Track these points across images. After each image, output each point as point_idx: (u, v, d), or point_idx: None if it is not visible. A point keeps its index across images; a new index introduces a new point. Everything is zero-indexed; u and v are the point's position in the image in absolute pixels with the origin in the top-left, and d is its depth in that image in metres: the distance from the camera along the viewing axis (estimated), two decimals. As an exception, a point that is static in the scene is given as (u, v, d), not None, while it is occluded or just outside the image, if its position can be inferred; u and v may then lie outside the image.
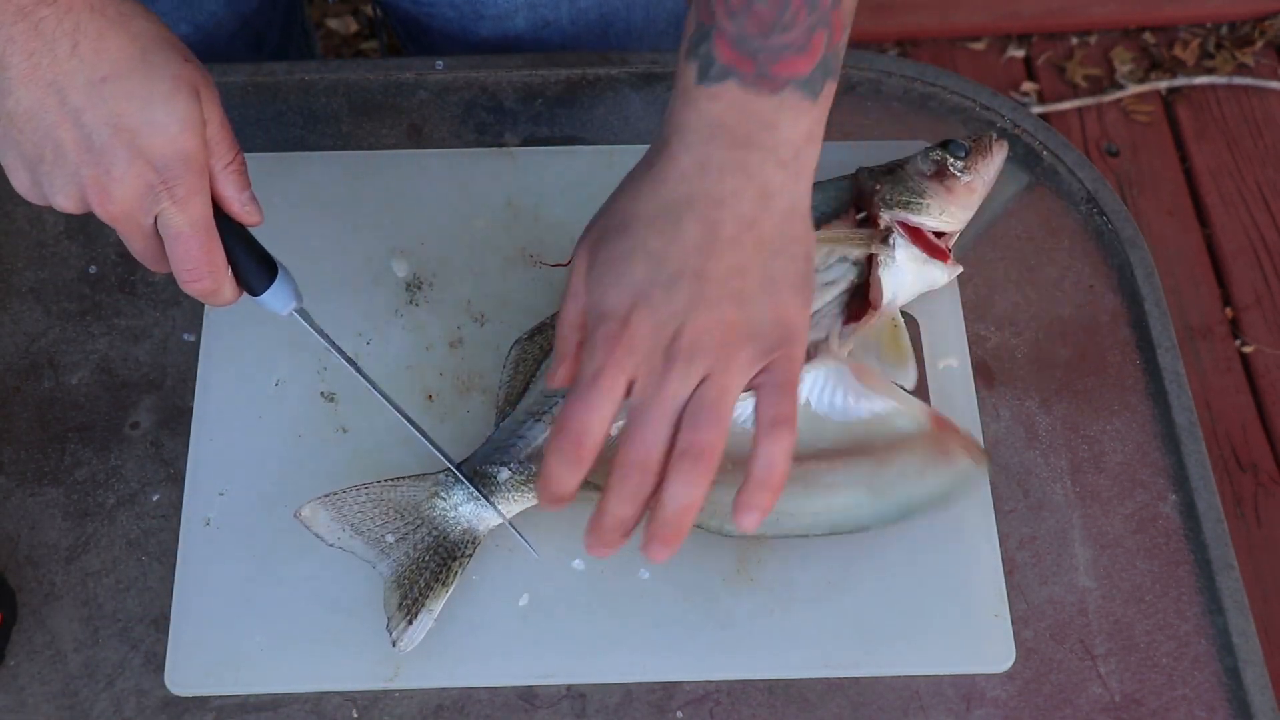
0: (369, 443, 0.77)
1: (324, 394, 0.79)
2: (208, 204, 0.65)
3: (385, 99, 0.91)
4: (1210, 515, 0.76)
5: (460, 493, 0.72)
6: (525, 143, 0.90)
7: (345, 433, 0.78)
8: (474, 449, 0.75)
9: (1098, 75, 1.97)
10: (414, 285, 0.83)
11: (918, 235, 0.80)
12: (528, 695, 0.71)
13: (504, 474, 0.73)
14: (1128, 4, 2.01)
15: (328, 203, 0.86)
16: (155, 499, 0.77)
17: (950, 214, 0.80)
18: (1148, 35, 2.01)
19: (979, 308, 0.84)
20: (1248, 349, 1.74)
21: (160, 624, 0.73)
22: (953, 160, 0.81)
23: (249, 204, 0.67)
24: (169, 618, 0.73)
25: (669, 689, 0.72)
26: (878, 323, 0.79)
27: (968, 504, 0.76)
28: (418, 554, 0.72)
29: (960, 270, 0.82)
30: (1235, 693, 0.72)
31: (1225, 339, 1.74)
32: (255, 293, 0.68)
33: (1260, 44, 2.00)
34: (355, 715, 0.71)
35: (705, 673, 0.72)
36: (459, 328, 0.82)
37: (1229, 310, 1.77)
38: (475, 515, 0.73)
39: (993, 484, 0.77)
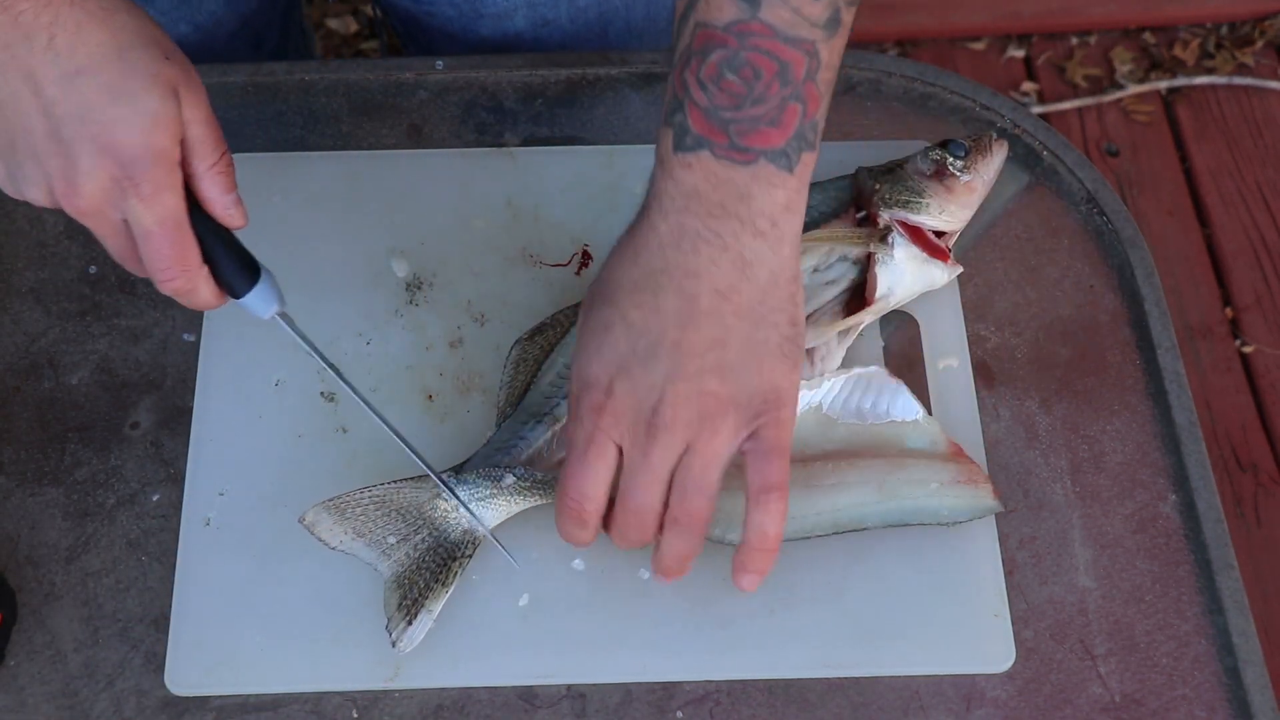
0: (369, 443, 0.77)
1: (324, 394, 0.79)
2: (179, 202, 0.63)
3: (385, 99, 0.91)
4: (1210, 515, 0.76)
5: (462, 493, 0.72)
6: (525, 143, 0.90)
7: (345, 433, 0.78)
8: (474, 449, 0.75)
9: (1098, 75, 1.97)
10: (414, 285, 0.83)
11: (917, 234, 0.80)
12: (528, 695, 0.71)
13: (507, 477, 0.73)
14: (1128, 4, 2.00)
15: (328, 203, 0.86)
16: (155, 499, 0.77)
17: (950, 213, 0.80)
18: (1148, 35, 2.01)
19: (979, 308, 0.84)
20: (1248, 349, 1.73)
21: (160, 624, 0.73)
22: (952, 160, 0.81)
23: (232, 207, 0.66)
24: (169, 618, 0.73)
25: (669, 689, 0.72)
26: (871, 319, 0.79)
27: (968, 504, 0.76)
28: (418, 554, 0.72)
29: (960, 270, 0.82)
30: (1235, 693, 0.72)
31: (1225, 339, 1.74)
32: (237, 295, 0.67)
33: (1260, 44, 2.00)
34: (355, 715, 0.71)
35: (705, 673, 0.72)
36: (459, 328, 0.82)
37: (1229, 310, 1.77)
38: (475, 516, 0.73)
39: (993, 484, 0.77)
